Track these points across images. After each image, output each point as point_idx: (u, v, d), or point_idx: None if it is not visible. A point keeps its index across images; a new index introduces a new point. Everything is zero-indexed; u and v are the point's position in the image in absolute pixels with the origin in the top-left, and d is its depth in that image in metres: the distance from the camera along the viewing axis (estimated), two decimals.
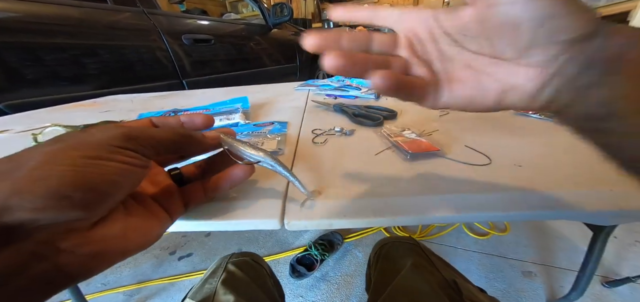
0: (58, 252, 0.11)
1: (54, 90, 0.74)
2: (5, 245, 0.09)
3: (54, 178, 0.10)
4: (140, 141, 0.14)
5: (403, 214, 0.19)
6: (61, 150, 0.11)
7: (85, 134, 0.13)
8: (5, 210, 0.09)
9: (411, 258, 0.37)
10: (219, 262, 0.40)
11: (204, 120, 0.19)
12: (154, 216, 0.16)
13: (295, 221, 0.19)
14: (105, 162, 0.12)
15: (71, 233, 0.11)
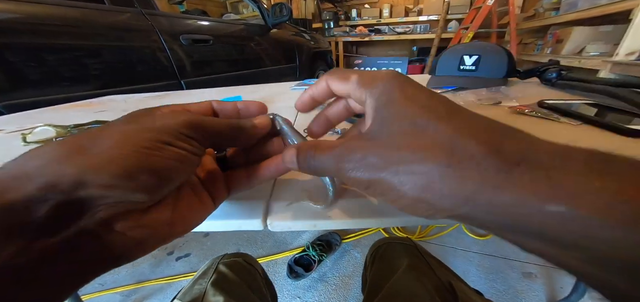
0: (111, 233, 0.11)
1: (52, 90, 0.74)
2: (74, 220, 0.10)
3: (127, 158, 0.10)
4: (202, 131, 0.14)
5: (389, 216, 0.18)
6: (136, 131, 0.12)
7: (157, 115, 0.13)
8: (81, 184, 0.09)
9: (407, 259, 0.37)
10: (210, 263, 0.40)
11: (258, 107, 0.18)
12: (200, 202, 0.16)
13: (279, 222, 0.19)
14: (172, 148, 0.12)
15: (127, 215, 0.11)
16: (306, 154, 0.14)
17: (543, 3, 1.98)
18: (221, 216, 0.19)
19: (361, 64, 3.08)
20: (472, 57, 0.50)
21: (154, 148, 0.11)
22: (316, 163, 0.14)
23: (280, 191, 0.21)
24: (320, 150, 0.14)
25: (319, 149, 0.14)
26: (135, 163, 0.10)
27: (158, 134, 0.12)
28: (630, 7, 1.14)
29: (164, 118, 0.13)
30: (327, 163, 0.13)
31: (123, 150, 0.11)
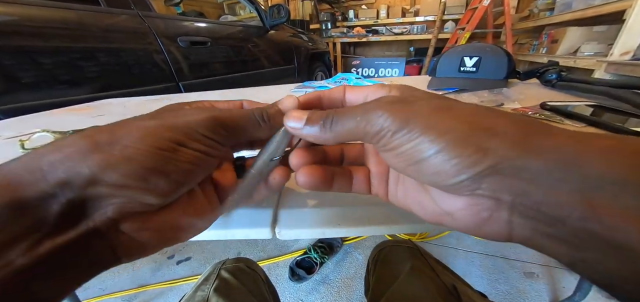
0: (117, 233, 0.10)
1: (49, 94, 0.73)
2: (84, 218, 0.09)
3: (142, 158, 0.10)
4: (226, 129, 0.13)
5: (398, 223, 0.18)
6: (155, 128, 0.11)
7: (181, 112, 0.13)
8: (93, 182, 0.09)
9: (410, 262, 0.37)
10: (212, 269, 0.39)
11: (293, 103, 0.16)
12: (210, 206, 0.15)
13: (287, 230, 0.19)
14: (187, 151, 0.11)
15: (135, 216, 0.11)
16: (327, 116, 0.13)
17: (537, 3, 2.00)
18: (228, 224, 0.19)
19: (359, 64, 3.09)
20: (472, 59, 0.50)
21: (169, 150, 0.11)
22: (340, 118, 0.12)
23: (288, 198, 0.21)
24: (342, 111, 0.13)
25: (340, 111, 0.13)
26: (149, 164, 0.10)
27: (175, 134, 0.11)
28: (624, 7, 1.16)
29: (187, 115, 0.12)
30: (354, 115, 0.12)
31: (139, 149, 0.10)
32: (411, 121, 0.11)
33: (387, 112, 0.11)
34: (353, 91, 0.15)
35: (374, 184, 0.16)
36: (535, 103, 0.36)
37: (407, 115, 0.11)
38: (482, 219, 0.11)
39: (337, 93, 0.15)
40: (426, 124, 0.10)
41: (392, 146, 0.11)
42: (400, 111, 0.11)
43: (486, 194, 0.10)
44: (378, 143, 0.12)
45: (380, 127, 0.11)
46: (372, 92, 0.14)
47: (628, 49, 1.15)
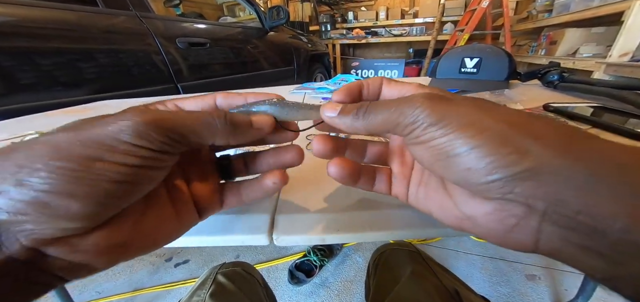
0: (45, 258, 0.09)
1: (45, 95, 0.72)
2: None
3: (35, 182, 0.08)
4: (162, 134, 0.10)
5: (398, 228, 0.17)
6: (62, 143, 0.09)
7: (100, 121, 0.10)
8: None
9: (411, 266, 0.36)
10: (209, 273, 0.38)
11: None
12: (177, 215, 0.13)
13: (285, 236, 0.18)
14: (107, 165, 0.09)
15: (60, 241, 0.09)
16: (360, 107, 0.13)
17: (536, 5, 2.01)
18: (222, 230, 0.18)
19: (358, 66, 3.09)
20: (473, 60, 0.50)
21: (79, 168, 0.09)
22: (374, 109, 0.12)
23: (286, 203, 0.20)
24: (375, 103, 0.13)
25: (374, 103, 0.13)
26: (47, 188, 0.08)
27: (87, 148, 0.09)
28: (622, 9, 1.16)
29: (105, 125, 0.10)
30: (389, 107, 0.12)
31: (33, 170, 0.08)
32: (448, 115, 0.10)
33: (423, 104, 0.11)
34: (390, 85, 0.14)
35: (395, 184, 0.17)
36: (538, 104, 0.36)
37: (445, 110, 0.11)
38: (507, 226, 0.10)
39: (376, 83, 0.15)
40: (464, 120, 0.10)
41: (423, 139, 0.11)
42: (437, 104, 0.11)
43: (517, 199, 0.09)
44: (409, 135, 0.12)
45: (415, 119, 0.11)
46: (410, 90, 0.14)
47: (627, 51, 1.16)
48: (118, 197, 0.10)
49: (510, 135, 0.09)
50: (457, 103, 0.11)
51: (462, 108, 0.11)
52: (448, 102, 0.11)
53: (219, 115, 0.13)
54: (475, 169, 0.10)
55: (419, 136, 0.11)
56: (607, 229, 0.08)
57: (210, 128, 0.12)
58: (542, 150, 0.09)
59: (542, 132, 0.09)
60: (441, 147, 0.11)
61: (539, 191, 0.09)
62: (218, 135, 0.13)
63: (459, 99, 0.12)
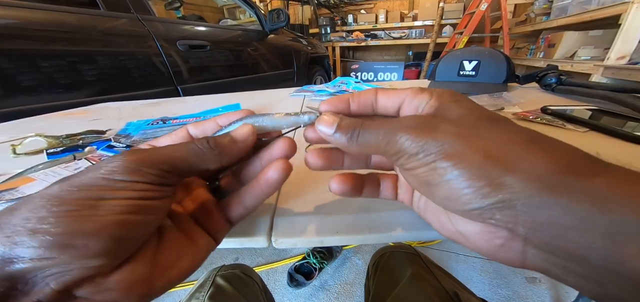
0: (73, 300, 0.10)
1: (45, 98, 0.73)
2: (20, 295, 0.09)
3: (48, 227, 0.09)
4: (152, 167, 0.11)
5: (398, 230, 0.17)
6: (60, 192, 0.10)
7: (93, 168, 0.11)
8: (9, 261, 0.09)
9: (410, 268, 0.36)
10: (207, 276, 0.38)
11: (242, 116, 0.16)
12: (193, 243, 0.14)
13: (284, 239, 0.18)
14: (111, 203, 0.10)
15: (88, 280, 0.10)
16: (354, 124, 0.13)
17: (534, 8, 2.03)
18: None
19: (358, 68, 3.11)
20: (471, 63, 0.50)
21: (84, 208, 0.09)
22: (366, 133, 0.13)
23: (285, 206, 0.20)
24: (368, 125, 0.13)
25: (367, 125, 0.13)
26: (62, 230, 0.09)
27: (90, 190, 0.10)
28: (619, 12, 1.17)
29: (97, 169, 0.11)
30: (378, 133, 0.12)
31: (43, 217, 0.09)
32: (428, 146, 0.11)
33: (406, 134, 0.11)
34: (386, 95, 0.14)
35: (401, 191, 0.17)
36: (536, 107, 0.36)
37: (426, 140, 0.11)
38: (495, 246, 0.11)
39: (367, 97, 0.14)
40: (443, 150, 0.10)
41: (408, 167, 0.12)
42: (419, 133, 0.11)
43: (499, 224, 0.10)
44: (397, 162, 0.12)
45: (399, 148, 0.11)
46: (409, 98, 0.13)
47: (624, 54, 1.16)
48: (129, 229, 0.10)
49: (485, 167, 0.10)
50: (443, 130, 0.11)
51: (446, 136, 0.11)
52: (432, 129, 0.11)
53: (201, 141, 0.13)
54: (453, 198, 0.10)
55: (404, 164, 0.12)
56: (586, 257, 0.08)
57: (197, 154, 0.13)
58: (517, 182, 0.09)
59: (526, 163, 0.09)
60: (423, 176, 0.11)
61: (516, 219, 0.09)
62: (207, 160, 0.13)
63: (447, 123, 0.11)
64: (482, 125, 0.11)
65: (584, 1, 1.47)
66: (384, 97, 0.14)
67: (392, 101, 0.14)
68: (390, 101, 0.14)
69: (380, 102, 0.14)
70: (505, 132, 0.11)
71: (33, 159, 0.31)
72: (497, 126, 0.11)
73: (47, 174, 0.25)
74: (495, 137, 0.10)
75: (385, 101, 0.14)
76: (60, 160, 0.28)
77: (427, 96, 0.13)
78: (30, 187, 0.22)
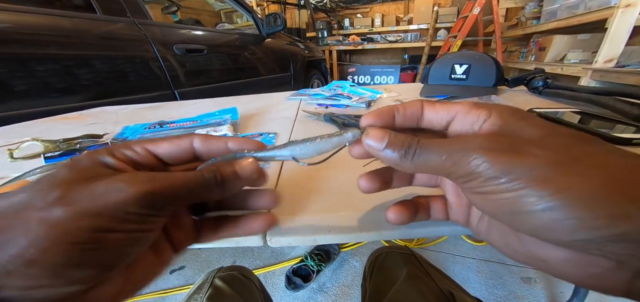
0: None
1: (42, 102, 0.72)
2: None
3: (49, 258, 0.09)
4: (163, 200, 0.11)
5: (390, 229, 0.18)
6: (66, 220, 0.09)
7: (97, 190, 0.10)
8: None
9: (406, 269, 0.37)
10: (205, 278, 0.38)
11: (255, 147, 0.14)
12: (157, 258, 0.13)
13: (278, 237, 0.18)
14: (115, 236, 0.10)
15: (64, 300, 0.10)
16: (410, 139, 0.12)
17: (525, 12, 2.08)
18: None
19: (355, 72, 3.13)
20: (462, 66, 0.52)
21: (91, 241, 0.09)
22: (426, 149, 0.11)
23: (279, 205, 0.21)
24: (426, 143, 0.11)
25: (425, 142, 0.11)
26: (62, 261, 0.09)
27: (96, 221, 0.09)
28: (605, 16, 1.21)
29: (106, 195, 0.10)
30: (442, 150, 0.11)
31: (45, 249, 0.08)
32: (514, 169, 0.09)
33: (483, 156, 0.10)
34: (434, 109, 0.13)
35: (452, 212, 0.16)
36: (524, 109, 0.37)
37: (509, 162, 0.09)
38: (590, 273, 0.09)
39: (413, 108, 0.13)
40: (535, 176, 0.09)
41: (483, 191, 0.10)
42: (500, 156, 0.10)
43: (609, 256, 0.09)
44: (464, 185, 0.11)
45: (472, 171, 0.10)
46: (462, 113, 0.12)
47: (611, 57, 1.20)
48: (125, 256, 0.11)
49: (601, 197, 0.08)
50: (532, 154, 0.09)
51: (535, 160, 0.09)
52: (517, 153, 0.10)
53: (209, 173, 0.13)
54: (550, 228, 0.09)
55: (477, 188, 0.10)
56: None
57: (204, 188, 0.12)
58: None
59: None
60: (506, 203, 0.10)
61: (637, 252, 0.08)
62: (210, 194, 0.13)
63: (534, 146, 0.10)
64: (579, 148, 0.10)
65: (572, 5, 1.51)
66: (432, 111, 0.13)
67: (441, 116, 0.13)
68: (438, 116, 0.13)
69: (427, 116, 0.13)
70: (615, 157, 0.09)
71: (30, 163, 0.31)
72: (598, 149, 0.10)
73: None
74: (604, 162, 0.09)
75: (433, 116, 0.13)
76: (57, 164, 0.28)
77: (484, 113, 0.11)
78: None
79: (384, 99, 0.57)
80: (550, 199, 0.09)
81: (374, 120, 0.13)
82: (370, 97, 0.55)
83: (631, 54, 1.23)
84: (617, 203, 0.08)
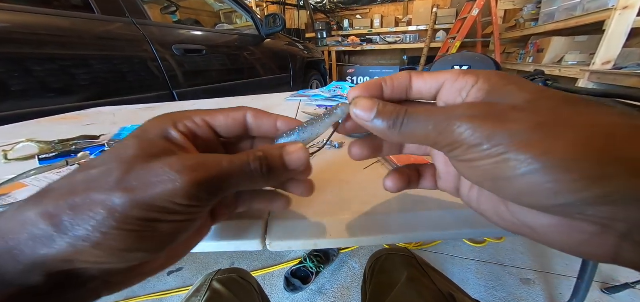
0: (105, 284, 0.11)
1: (38, 102, 0.71)
2: (69, 284, 0.10)
3: (109, 242, 0.10)
4: (210, 191, 0.11)
5: (391, 233, 0.18)
6: (122, 208, 0.10)
7: (155, 173, 0.10)
8: (69, 261, 0.09)
9: (406, 271, 0.36)
10: (204, 280, 0.38)
11: None
12: (199, 232, 0.14)
13: (279, 242, 0.18)
14: (165, 225, 0.11)
15: (121, 272, 0.11)
16: (398, 110, 0.12)
17: (523, 14, 2.09)
18: (216, 236, 0.18)
19: (354, 73, 3.14)
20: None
21: (141, 229, 0.10)
22: (413, 119, 0.11)
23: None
24: (413, 112, 0.11)
25: (412, 112, 0.11)
26: (120, 245, 0.10)
27: (148, 213, 0.10)
28: (603, 18, 1.22)
29: (159, 184, 0.10)
30: (428, 121, 0.11)
31: (106, 233, 0.09)
32: (497, 136, 0.09)
33: (466, 123, 0.10)
34: (422, 79, 0.13)
35: (441, 181, 0.17)
36: None
37: (492, 128, 0.09)
38: (576, 240, 0.09)
39: (401, 81, 0.13)
40: (517, 141, 0.09)
41: (466, 159, 0.10)
42: (484, 125, 0.10)
43: (590, 219, 0.09)
44: (449, 153, 0.11)
45: (455, 140, 0.10)
46: (450, 82, 0.12)
47: (609, 59, 1.21)
48: (171, 243, 0.11)
49: (577, 159, 0.08)
50: (514, 119, 0.09)
51: (516, 125, 0.09)
52: (495, 118, 0.10)
53: (256, 163, 0.12)
54: (531, 192, 0.09)
55: (460, 156, 0.10)
56: None
57: (250, 178, 0.12)
58: (622, 174, 0.08)
59: (627, 151, 0.08)
60: (489, 169, 0.10)
61: (618, 215, 0.08)
62: (255, 183, 0.13)
63: (517, 112, 0.10)
64: (565, 111, 0.09)
65: (570, 7, 1.52)
66: (420, 80, 0.13)
67: (429, 85, 0.13)
68: (427, 85, 0.13)
69: (415, 86, 0.13)
70: (599, 116, 0.09)
71: (25, 164, 0.31)
72: (586, 110, 0.09)
73: (40, 180, 0.24)
74: (588, 123, 0.09)
75: (421, 85, 0.13)
76: (52, 166, 0.27)
77: (472, 78, 0.11)
78: (23, 193, 0.22)
79: None
80: (530, 163, 0.08)
81: (361, 91, 0.13)
82: None
83: (628, 55, 1.24)
84: (598, 162, 0.08)
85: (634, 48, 1.27)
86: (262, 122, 0.14)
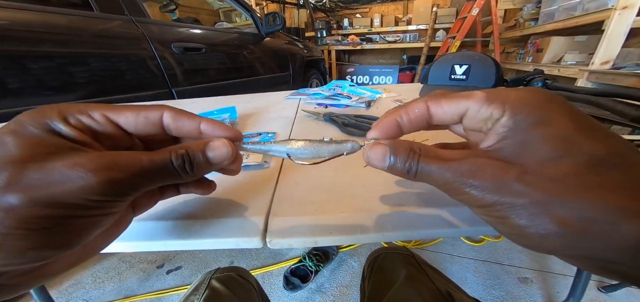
0: (14, 288, 0.10)
1: (35, 100, 0.71)
2: None
3: (11, 242, 0.09)
4: (127, 187, 0.11)
5: (391, 230, 0.18)
6: (21, 210, 0.09)
7: (57, 171, 0.09)
8: None
9: (405, 269, 0.37)
10: (202, 279, 0.38)
11: (228, 134, 0.14)
12: (118, 226, 0.13)
13: (279, 239, 0.18)
14: (78, 220, 0.10)
15: (26, 272, 0.10)
16: (411, 157, 0.12)
17: (523, 14, 2.10)
18: (215, 233, 0.18)
19: (353, 72, 3.14)
20: (462, 67, 0.52)
21: (50, 227, 0.09)
22: (426, 171, 0.11)
23: (279, 206, 0.21)
24: (431, 157, 0.11)
25: (430, 156, 0.12)
26: (26, 245, 0.09)
27: (54, 210, 0.09)
28: (602, 18, 1.22)
29: (66, 182, 0.09)
30: (441, 175, 0.11)
31: (7, 233, 0.09)
32: (501, 205, 0.10)
33: (474, 191, 0.10)
34: (441, 107, 0.12)
35: None
36: None
37: (499, 197, 0.10)
38: None
39: (418, 113, 0.13)
40: (522, 213, 0.09)
41: (478, 212, 0.11)
42: (491, 193, 0.10)
43: None
44: (464, 203, 0.11)
45: (465, 200, 0.11)
46: (475, 108, 0.11)
47: (608, 58, 1.21)
48: (85, 238, 0.11)
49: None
50: (515, 191, 0.10)
51: (519, 198, 0.10)
52: (503, 188, 0.10)
53: (178, 159, 0.12)
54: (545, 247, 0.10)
55: (474, 209, 0.11)
56: None
57: (171, 175, 0.12)
58: None
59: None
60: (489, 220, 0.11)
61: None
62: (176, 179, 0.12)
63: (532, 166, 0.10)
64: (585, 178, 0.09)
65: (570, 7, 1.52)
66: (439, 110, 0.13)
67: (451, 115, 0.12)
68: (448, 115, 0.13)
69: (436, 116, 0.13)
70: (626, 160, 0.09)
71: None
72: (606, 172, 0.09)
73: None
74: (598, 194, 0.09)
75: (441, 115, 0.13)
76: None
77: (497, 110, 0.11)
78: None
79: (383, 99, 0.57)
80: (544, 227, 0.09)
81: (378, 133, 0.13)
82: (369, 97, 0.55)
83: (627, 55, 1.24)
84: None
85: (633, 48, 1.27)
86: (183, 123, 0.13)
